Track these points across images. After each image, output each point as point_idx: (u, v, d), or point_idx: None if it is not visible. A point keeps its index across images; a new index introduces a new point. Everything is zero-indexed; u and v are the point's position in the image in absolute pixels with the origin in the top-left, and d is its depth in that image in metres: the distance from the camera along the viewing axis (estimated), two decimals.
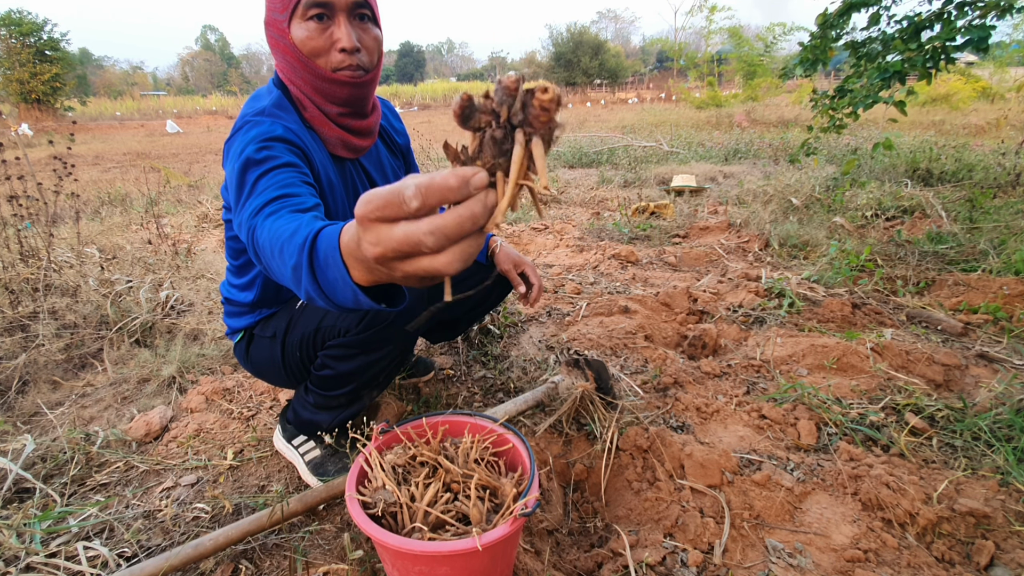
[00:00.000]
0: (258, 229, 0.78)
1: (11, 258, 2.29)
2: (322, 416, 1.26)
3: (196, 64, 68.65)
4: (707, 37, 17.52)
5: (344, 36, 1.01)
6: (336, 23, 1.01)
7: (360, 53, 1.04)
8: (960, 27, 2.49)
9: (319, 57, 1.03)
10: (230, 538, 1.05)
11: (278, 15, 1.02)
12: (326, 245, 0.61)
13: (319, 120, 1.11)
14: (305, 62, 1.03)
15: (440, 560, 0.81)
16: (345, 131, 1.14)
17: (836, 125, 3.12)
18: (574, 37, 37.51)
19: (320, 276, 0.62)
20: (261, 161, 0.92)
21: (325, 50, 1.02)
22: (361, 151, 1.21)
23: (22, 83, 21.25)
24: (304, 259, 0.63)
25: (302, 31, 1.00)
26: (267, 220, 0.77)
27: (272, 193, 0.84)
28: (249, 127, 1.00)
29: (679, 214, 3.99)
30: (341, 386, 1.19)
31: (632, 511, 1.19)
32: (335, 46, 1.02)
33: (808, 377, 1.68)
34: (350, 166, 1.21)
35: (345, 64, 1.03)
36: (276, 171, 0.90)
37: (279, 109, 1.07)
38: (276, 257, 0.70)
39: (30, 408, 1.70)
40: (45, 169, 5.55)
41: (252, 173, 0.91)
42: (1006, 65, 12.24)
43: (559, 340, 2.00)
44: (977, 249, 2.62)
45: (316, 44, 1.01)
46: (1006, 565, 1.01)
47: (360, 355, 1.12)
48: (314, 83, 1.05)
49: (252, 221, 0.81)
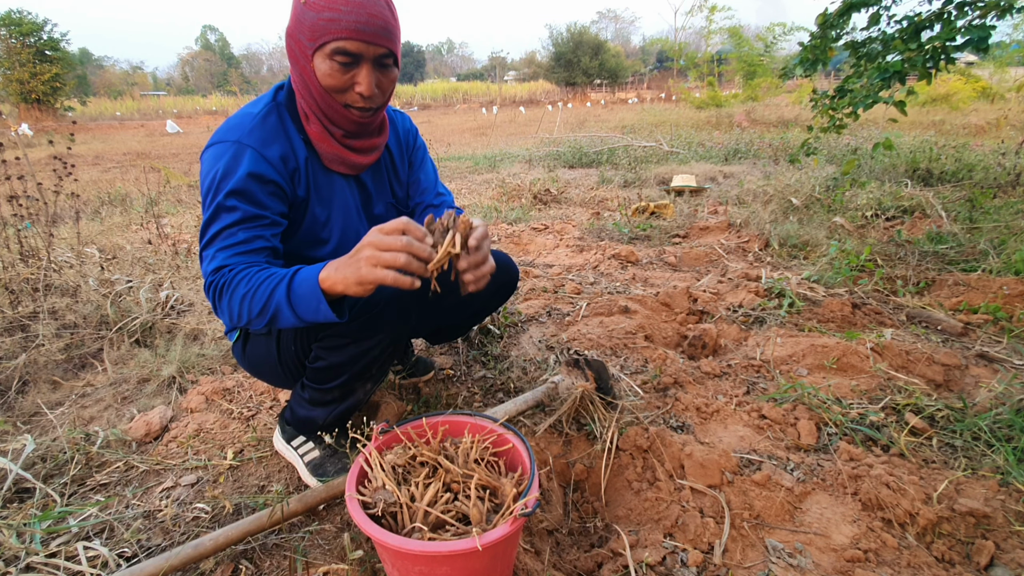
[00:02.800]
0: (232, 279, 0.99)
1: (11, 258, 2.29)
2: (318, 412, 1.26)
3: (196, 64, 68.64)
4: (707, 37, 17.52)
5: (365, 85, 1.04)
6: (360, 69, 1.03)
7: (375, 96, 1.08)
8: (960, 27, 2.49)
9: (336, 93, 1.05)
10: (230, 538, 1.05)
11: (305, 40, 1.02)
12: (302, 275, 0.94)
13: (321, 138, 1.13)
14: (322, 92, 1.05)
15: (440, 560, 0.81)
16: (346, 149, 1.17)
17: (836, 125, 3.12)
18: (574, 37, 37.49)
19: (293, 294, 0.93)
20: (231, 208, 1.02)
21: (343, 88, 1.05)
22: (361, 168, 1.23)
23: (22, 83, 21.25)
24: (284, 283, 0.94)
25: (326, 67, 1.02)
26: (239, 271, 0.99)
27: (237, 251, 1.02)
28: (220, 153, 1.04)
29: (679, 214, 3.99)
30: (334, 378, 1.19)
31: (632, 511, 1.19)
32: (354, 88, 1.05)
33: (808, 377, 1.68)
34: (345, 182, 1.23)
35: (360, 105, 1.07)
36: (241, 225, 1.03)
37: (267, 127, 1.08)
38: (251, 293, 0.96)
39: (30, 408, 1.70)
40: (45, 169, 5.54)
41: (220, 221, 1.02)
42: (1006, 65, 12.24)
43: (559, 340, 2.00)
44: (977, 249, 2.62)
45: (336, 83, 1.03)
46: (1006, 565, 1.01)
47: (351, 345, 1.13)
48: (325, 109, 1.09)
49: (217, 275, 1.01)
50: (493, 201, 4.72)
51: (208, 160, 1.06)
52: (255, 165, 1.04)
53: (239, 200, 1.02)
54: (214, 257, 1.02)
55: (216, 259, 1.02)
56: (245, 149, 1.04)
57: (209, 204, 1.04)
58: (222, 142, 1.06)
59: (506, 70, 64.66)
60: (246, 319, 0.99)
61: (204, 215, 1.06)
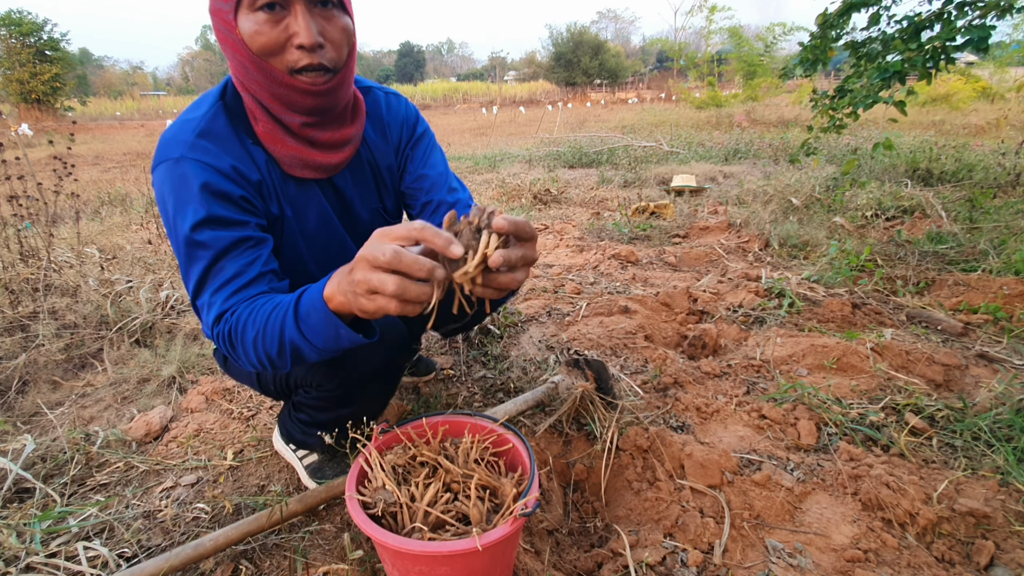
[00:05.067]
0: (236, 324, 0.83)
1: (11, 258, 2.29)
2: (314, 440, 1.24)
3: (196, 64, 68.63)
4: (707, 37, 17.51)
5: (302, 29, 0.81)
6: (292, 13, 0.82)
7: (324, 49, 0.85)
8: (960, 27, 2.49)
9: (273, 56, 0.84)
10: (230, 538, 1.05)
11: (222, 3, 0.83)
12: (307, 299, 0.77)
13: (272, 137, 0.93)
14: (257, 63, 0.84)
15: (440, 560, 0.81)
16: (307, 146, 0.96)
17: (836, 125, 3.12)
18: (574, 37, 37.51)
19: (303, 324, 0.76)
20: (203, 245, 0.85)
21: (280, 47, 0.83)
22: (331, 169, 1.01)
23: (22, 83, 21.27)
24: (290, 316, 0.77)
25: (250, 24, 0.82)
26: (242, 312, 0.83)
27: (233, 289, 0.86)
28: (164, 177, 0.87)
29: (679, 214, 3.98)
30: (323, 427, 1.15)
31: (632, 511, 1.19)
32: (291, 41, 0.83)
33: (808, 377, 1.68)
34: (316, 187, 1.02)
35: (304, 63, 0.84)
36: (225, 257, 0.86)
37: (210, 138, 0.89)
38: (260, 334, 0.80)
39: (30, 408, 1.70)
40: (45, 169, 5.54)
41: (199, 261, 0.86)
42: (1006, 65, 12.24)
43: (559, 340, 2.00)
44: (977, 249, 2.62)
45: (268, 40, 0.82)
46: (1006, 565, 1.01)
47: (333, 408, 1.09)
48: (270, 88, 0.87)
49: (220, 324, 0.85)
50: (493, 201, 4.72)
51: (157, 187, 0.88)
52: (210, 179, 0.86)
53: (209, 229, 0.84)
54: (211, 305, 0.85)
55: (214, 307, 0.85)
56: (195, 165, 0.85)
57: (179, 248, 0.87)
58: (164, 162, 0.87)
59: (506, 70, 64.66)
60: (270, 366, 0.83)
61: (179, 261, 0.88)
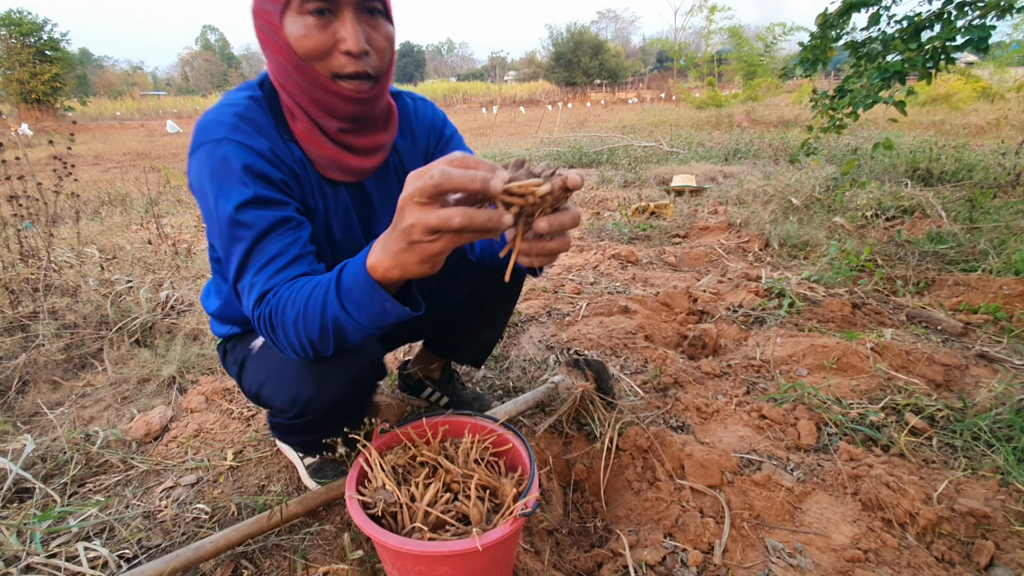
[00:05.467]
0: (277, 305, 0.79)
1: (11, 258, 2.29)
2: (300, 451, 1.27)
3: (196, 64, 68.65)
4: (707, 37, 17.51)
5: (351, 35, 0.82)
6: (341, 19, 0.82)
7: (369, 56, 0.85)
8: (960, 27, 2.49)
9: (317, 60, 0.84)
10: (231, 540, 1.05)
11: (268, 4, 0.83)
12: (348, 273, 0.74)
13: (310, 137, 0.93)
14: (301, 66, 0.84)
15: (440, 560, 0.81)
16: (342, 149, 0.96)
17: (836, 125, 3.12)
18: (574, 37, 37.53)
19: (346, 300, 0.74)
20: (246, 224, 0.83)
21: (326, 52, 0.83)
22: (362, 173, 1.00)
23: (22, 83, 21.29)
24: (332, 292, 0.74)
25: (298, 27, 0.81)
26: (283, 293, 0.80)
27: (276, 268, 0.83)
28: (205, 159, 0.85)
29: (679, 214, 3.98)
30: (300, 447, 1.16)
31: (632, 511, 1.19)
32: (338, 47, 0.83)
33: (808, 377, 1.68)
34: (345, 191, 1.01)
35: (350, 69, 0.84)
36: (267, 237, 0.83)
37: (249, 123, 0.88)
38: (301, 315, 0.77)
39: (30, 408, 1.70)
40: (45, 169, 5.54)
41: (241, 242, 0.83)
42: (1006, 65, 12.24)
43: (559, 340, 2.00)
44: (977, 249, 2.62)
45: (315, 44, 0.82)
46: (1006, 565, 1.01)
47: (299, 435, 1.08)
48: (311, 92, 0.87)
49: (262, 306, 0.81)
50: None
51: (195, 172, 0.87)
52: (251, 161, 0.85)
53: (252, 209, 0.83)
54: (252, 286, 0.82)
55: (255, 288, 0.82)
56: (236, 146, 0.84)
57: (221, 230, 0.84)
58: (204, 144, 0.86)
59: (506, 70, 64.65)
60: (311, 349, 0.80)
61: (219, 245, 0.86)
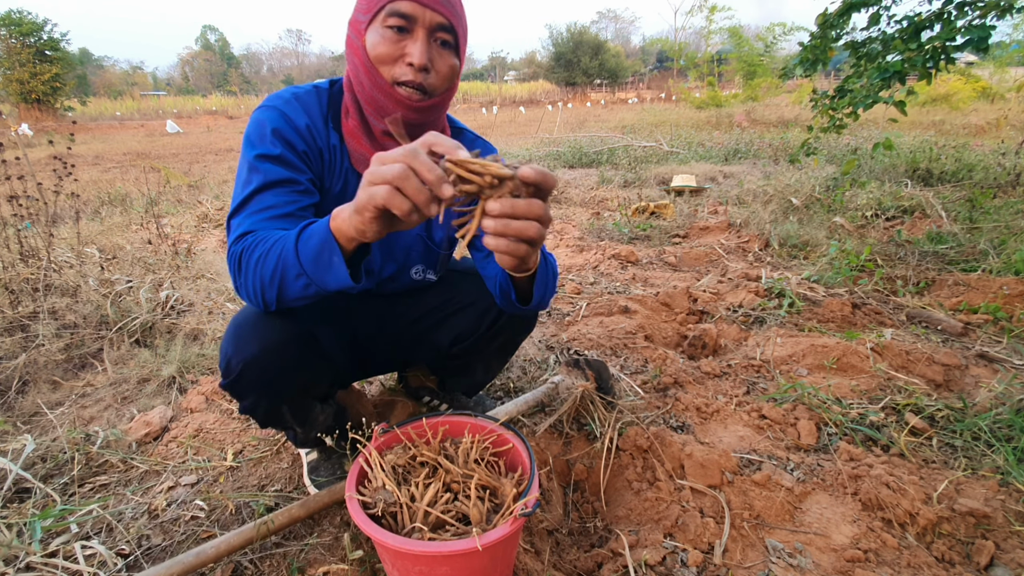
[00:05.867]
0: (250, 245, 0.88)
1: (11, 258, 2.29)
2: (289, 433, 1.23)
3: (196, 64, 68.64)
4: (707, 37, 17.52)
5: (417, 52, 0.94)
6: (413, 38, 0.95)
7: (428, 74, 0.97)
8: (960, 27, 2.49)
9: (384, 65, 0.96)
10: (232, 545, 1.04)
11: (361, 15, 0.98)
12: (314, 224, 0.81)
13: (354, 133, 1.05)
14: (369, 67, 0.97)
15: (440, 560, 0.81)
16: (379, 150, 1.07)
17: (836, 125, 3.12)
18: (574, 37, 37.54)
19: (302, 244, 0.80)
20: (259, 171, 0.96)
21: (392, 59, 0.95)
22: None
23: (22, 83, 21.28)
24: (292, 236, 0.81)
25: (376, 36, 0.95)
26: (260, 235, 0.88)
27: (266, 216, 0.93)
28: (255, 118, 1.02)
29: (679, 214, 3.98)
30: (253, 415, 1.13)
31: (632, 511, 1.19)
32: (404, 59, 0.95)
33: (808, 377, 1.68)
34: None
35: (407, 78, 0.95)
36: (271, 189, 0.95)
37: (300, 102, 1.03)
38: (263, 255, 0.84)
39: (30, 408, 1.70)
40: (45, 169, 5.55)
41: (249, 185, 0.95)
42: (1006, 65, 12.25)
43: (559, 340, 2.00)
44: (977, 249, 2.62)
45: (385, 51, 0.95)
46: (1006, 565, 1.01)
47: (236, 400, 1.07)
48: (372, 93, 0.99)
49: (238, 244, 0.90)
50: None
51: (247, 127, 1.02)
52: (282, 127, 0.99)
53: (269, 163, 0.96)
54: (239, 225, 0.92)
55: (241, 227, 0.92)
56: (277, 113, 1.00)
57: (241, 172, 0.98)
58: (259, 108, 1.02)
59: (506, 70, 64.63)
60: (260, 293, 0.87)
61: (235, 187, 0.99)
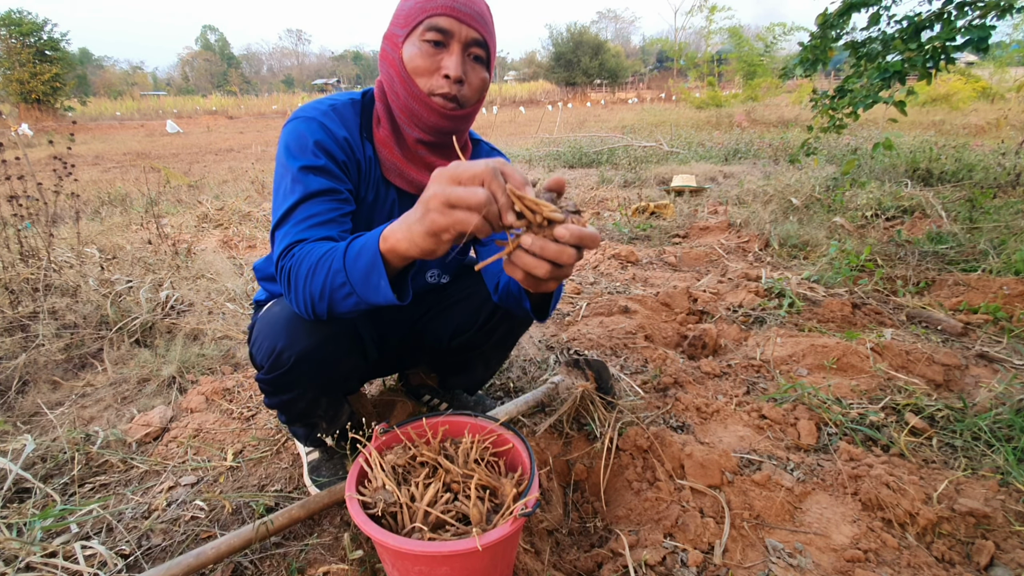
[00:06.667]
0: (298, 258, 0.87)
1: (11, 258, 2.29)
2: (298, 430, 1.27)
3: (196, 64, 68.65)
4: (707, 37, 17.53)
5: (452, 65, 0.99)
6: (449, 52, 1.00)
7: (462, 86, 1.02)
8: (960, 27, 2.49)
9: (420, 76, 1.01)
10: (232, 547, 1.04)
11: (398, 29, 1.02)
12: (363, 239, 0.80)
13: (386, 142, 1.08)
14: (405, 78, 1.01)
15: (440, 560, 0.80)
16: (408, 163, 1.09)
17: (836, 125, 3.13)
18: (574, 37, 37.56)
19: (350, 261, 0.80)
20: (302, 182, 0.96)
21: (429, 72, 1.00)
22: (420, 187, 1.11)
23: (22, 83, 21.28)
24: (341, 251, 0.81)
25: (414, 49, 1.00)
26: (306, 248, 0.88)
27: (312, 223, 0.94)
28: (292, 129, 1.02)
29: (679, 214, 3.98)
30: (281, 415, 1.16)
31: (632, 511, 1.19)
32: (440, 71, 1.00)
33: (808, 377, 1.68)
34: (396, 191, 1.13)
35: (443, 90, 1.00)
36: (314, 199, 0.96)
37: (338, 114, 1.05)
38: (312, 269, 0.84)
39: (30, 408, 1.70)
40: (45, 169, 5.55)
41: (293, 195, 0.95)
42: (1006, 65, 12.26)
43: (559, 340, 2.00)
44: (977, 249, 2.62)
45: (423, 63, 0.99)
46: (1006, 565, 1.01)
47: (274, 394, 1.09)
48: (407, 102, 1.03)
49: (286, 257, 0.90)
50: None
51: (283, 136, 1.04)
52: (324, 139, 1.00)
53: (312, 174, 0.97)
54: (285, 236, 0.92)
55: (287, 238, 0.91)
56: (317, 124, 1.01)
57: (285, 183, 0.99)
58: (297, 118, 1.03)
59: (506, 70, 64.66)
60: (311, 306, 0.87)
61: (277, 199, 0.99)
